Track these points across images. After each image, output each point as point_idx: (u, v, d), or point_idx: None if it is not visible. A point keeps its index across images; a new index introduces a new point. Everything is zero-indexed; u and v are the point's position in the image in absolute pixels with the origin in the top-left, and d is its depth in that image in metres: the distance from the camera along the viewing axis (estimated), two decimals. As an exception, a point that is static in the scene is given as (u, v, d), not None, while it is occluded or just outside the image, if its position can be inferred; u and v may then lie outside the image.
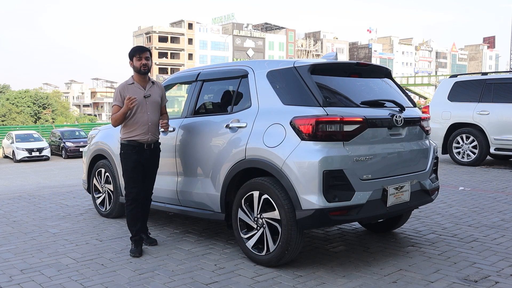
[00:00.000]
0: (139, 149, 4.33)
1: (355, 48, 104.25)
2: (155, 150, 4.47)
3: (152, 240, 4.55)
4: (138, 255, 4.22)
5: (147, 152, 4.37)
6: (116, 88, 4.41)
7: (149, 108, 4.35)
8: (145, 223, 4.57)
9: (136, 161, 4.33)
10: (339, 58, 4.56)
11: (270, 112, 3.94)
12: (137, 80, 4.40)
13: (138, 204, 4.39)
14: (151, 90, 4.41)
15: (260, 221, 3.86)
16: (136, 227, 4.37)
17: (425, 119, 4.38)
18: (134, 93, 4.29)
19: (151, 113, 4.35)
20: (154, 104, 4.39)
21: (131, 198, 4.36)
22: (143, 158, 4.36)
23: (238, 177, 4.06)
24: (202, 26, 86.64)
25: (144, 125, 4.31)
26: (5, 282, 3.66)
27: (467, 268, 3.79)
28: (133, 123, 4.31)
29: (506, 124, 9.07)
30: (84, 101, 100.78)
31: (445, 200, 6.35)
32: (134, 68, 4.37)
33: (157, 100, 4.43)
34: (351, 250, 4.30)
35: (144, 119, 4.31)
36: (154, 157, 4.47)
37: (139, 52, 4.37)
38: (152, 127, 4.36)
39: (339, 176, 3.55)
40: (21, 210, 6.29)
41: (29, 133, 30.15)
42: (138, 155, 4.33)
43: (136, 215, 4.39)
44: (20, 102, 61.92)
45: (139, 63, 4.34)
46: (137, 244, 4.33)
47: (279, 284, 3.51)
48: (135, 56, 4.35)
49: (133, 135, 4.31)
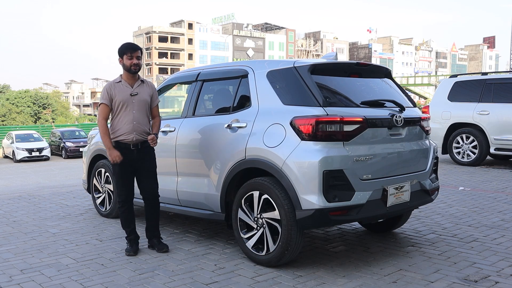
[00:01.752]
0: (125, 150, 4.21)
1: (355, 48, 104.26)
2: (144, 150, 4.29)
3: (163, 246, 4.34)
4: (133, 254, 4.21)
5: (134, 152, 4.24)
6: (103, 87, 4.33)
7: (135, 107, 4.21)
8: (156, 226, 4.42)
9: (123, 163, 4.19)
10: (339, 58, 4.56)
11: (270, 112, 3.94)
12: (125, 78, 4.28)
13: (129, 206, 4.35)
14: (139, 88, 4.28)
15: (260, 221, 3.86)
16: (129, 227, 4.34)
17: (425, 119, 4.38)
18: (121, 91, 4.20)
19: (137, 111, 4.22)
20: (141, 103, 4.25)
21: (121, 200, 4.33)
22: (130, 159, 4.23)
23: (238, 177, 4.06)
24: (202, 26, 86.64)
25: (128, 124, 4.19)
26: (5, 282, 3.66)
27: (467, 268, 3.79)
28: (118, 122, 4.22)
29: (506, 124, 9.07)
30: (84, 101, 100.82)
31: (445, 200, 6.35)
32: (124, 66, 4.26)
33: (145, 99, 4.28)
34: (351, 250, 4.30)
35: (129, 118, 4.19)
36: (144, 157, 4.30)
37: (131, 50, 4.23)
38: (138, 126, 4.22)
39: (339, 176, 3.55)
40: (21, 210, 6.29)
41: (29, 133, 30.14)
42: (125, 157, 4.19)
43: (127, 217, 4.35)
44: (20, 102, 61.92)
45: (129, 62, 4.21)
46: (132, 243, 4.31)
47: (279, 284, 3.51)
48: (126, 54, 4.22)
49: (117, 135, 4.21)
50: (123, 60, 4.24)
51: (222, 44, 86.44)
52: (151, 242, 4.40)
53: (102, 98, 4.23)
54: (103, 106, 4.22)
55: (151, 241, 4.41)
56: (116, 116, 4.22)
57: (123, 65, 4.25)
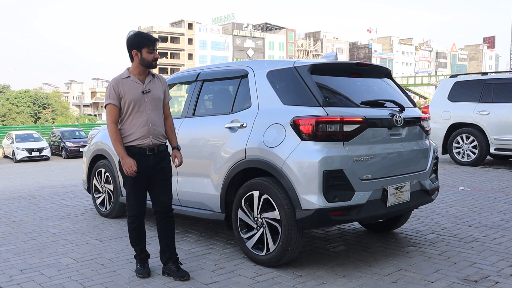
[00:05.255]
0: (140, 156, 3.58)
1: (355, 48, 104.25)
2: (160, 155, 3.67)
3: (184, 274, 3.61)
4: (147, 276, 3.67)
5: (150, 158, 3.61)
6: (108, 84, 3.67)
7: (149, 106, 3.59)
8: (172, 246, 3.74)
9: (137, 171, 3.55)
10: (339, 58, 4.57)
11: (270, 112, 3.94)
12: (134, 73, 3.61)
13: (141, 222, 3.74)
14: (151, 84, 3.64)
15: (260, 221, 3.86)
16: (140, 246, 3.76)
17: (425, 119, 4.38)
18: (131, 88, 3.55)
19: (151, 112, 3.59)
20: (155, 102, 3.63)
21: (132, 214, 3.70)
22: (146, 167, 3.59)
23: (238, 177, 4.06)
24: (202, 26, 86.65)
25: (142, 127, 3.56)
26: (5, 282, 3.66)
27: (467, 268, 3.79)
28: (130, 125, 3.58)
29: (506, 124, 9.07)
30: (84, 101, 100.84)
31: (445, 200, 6.35)
32: (143, 61, 3.57)
33: (158, 97, 3.66)
34: (351, 250, 4.30)
35: (142, 120, 3.56)
36: (161, 164, 3.67)
37: (152, 42, 3.57)
38: (154, 128, 3.60)
39: (339, 176, 3.55)
40: (21, 210, 6.29)
41: (29, 133, 30.17)
42: (139, 164, 3.55)
43: (138, 234, 3.74)
44: (20, 102, 61.96)
45: (151, 56, 3.57)
46: (142, 263, 3.75)
47: (279, 284, 3.51)
48: (148, 47, 3.54)
49: (130, 139, 3.57)
50: (140, 54, 3.56)
51: (222, 44, 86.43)
52: (168, 268, 3.69)
53: (109, 97, 3.56)
54: (111, 107, 3.56)
55: (167, 266, 3.71)
56: (127, 118, 3.58)
57: (142, 59, 3.57)
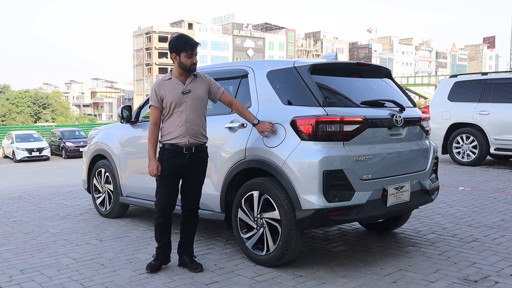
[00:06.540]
0: (177, 153, 3.72)
1: (355, 48, 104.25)
2: (197, 155, 3.81)
3: (197, 266, 3.83)
4: (155, 270, 3.80)
5: (187, 157, 3.75)
6: (152, 86, 3.90)
7: (189, 106, 3.71)
8: (191, 242, 3.96)
9: (172, 168, 3.72)
10: (339, 58, 4.57)
11: (270, 112, 3.94)
12: (176, 75, 3.77)
13: (168, 218, 3.86)
14: (192, 85, 3.76)
15: (260, 221, 3.86)
16: (162, 241, 3.87)
17: (425, 119, 4.38)
18: (171, 89, 3.71)
19: (190, 111, 3.72)
20: (195, 101, 3.75)
21: (158, 210, 3.82)
22: (180, 164, 3.75)
23: (238, 177, 4.06)
24: (202, 26, 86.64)
25: (181, 126, 3.70)
26: (5, 282, 3.66)
27: (467, 268, 3.79)
28: (169, 124, 3.74)
29: (506, 124, 9.07)
30: (84, 101, 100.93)
31: (445, 200, 6.35)
32: (181, 65, 3.70)
33: (199, 96, 3.77)
34: (351, 250, 4.30)
35: (181, 119, 3.70)
36: (196, 163, 3.81)
37: (192, 47, 3.68)
38: (192, 128, 3.72)
39: (339, 176, 3.55)
40: (21, 210, 6.29)
41: (29, 133, 30.19)
42: (175, 161, 3.72)
43: (163, 230, 3.86)
44: (20, 102, 62.02)
45: (189, 61, 3.69)
46: (161, 257, 3.88)
47: (279, 284, 3.51)
48: (186, 51, 3.66)
49: (169, 138, 3.72)
50: (179, 58, 3.69)
51: (222, 44, 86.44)
52: (182, 261, 3.91)
53: (151, 99, 3.77)
54: (153, 109, 3.75)
55: (182, 259, 3.92)
56: (169, 117, 3.74)
57: (180, 63, 3.70)
